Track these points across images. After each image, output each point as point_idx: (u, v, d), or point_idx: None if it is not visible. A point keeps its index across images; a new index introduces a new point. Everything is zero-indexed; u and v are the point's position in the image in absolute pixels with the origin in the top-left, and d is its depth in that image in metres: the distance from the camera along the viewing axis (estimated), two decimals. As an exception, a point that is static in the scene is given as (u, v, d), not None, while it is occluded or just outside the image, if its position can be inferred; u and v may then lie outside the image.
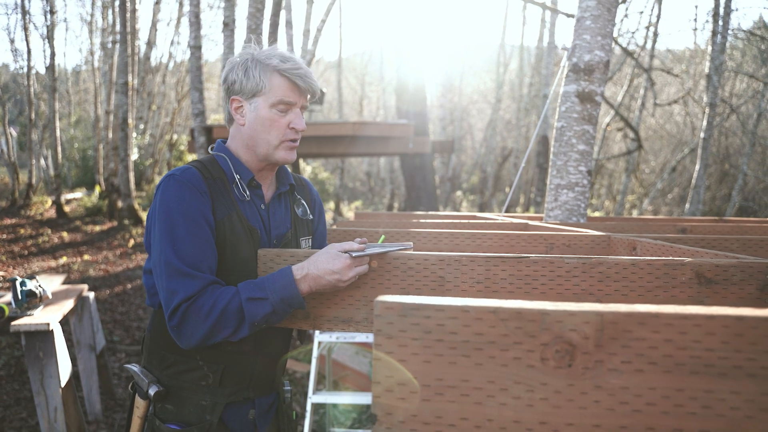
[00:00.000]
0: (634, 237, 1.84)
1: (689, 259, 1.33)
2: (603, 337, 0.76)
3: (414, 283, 1.41)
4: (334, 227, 2.31)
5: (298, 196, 1.80)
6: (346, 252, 1.39)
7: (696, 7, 26.33)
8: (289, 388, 1.84)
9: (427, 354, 0.79)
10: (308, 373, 5.24)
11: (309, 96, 1.63)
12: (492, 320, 0.79)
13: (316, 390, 3.68)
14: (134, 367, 1.66)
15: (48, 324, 3.20)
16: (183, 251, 1.45)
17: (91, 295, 4.36)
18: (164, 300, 1.46)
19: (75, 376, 4.66)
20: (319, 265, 1.40)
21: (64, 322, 5.35)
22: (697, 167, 11.82)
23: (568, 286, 1.36)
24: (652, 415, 0.76)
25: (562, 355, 0.77)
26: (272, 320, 1.45)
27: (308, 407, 3.37)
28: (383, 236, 1.64)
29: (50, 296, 3.58)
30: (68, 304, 3.70)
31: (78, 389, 4.51)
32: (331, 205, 21.96)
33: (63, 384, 3.31)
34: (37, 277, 3.78)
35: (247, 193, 1.62)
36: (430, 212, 3.37)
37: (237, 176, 1.62)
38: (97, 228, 13.75)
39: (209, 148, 1.73)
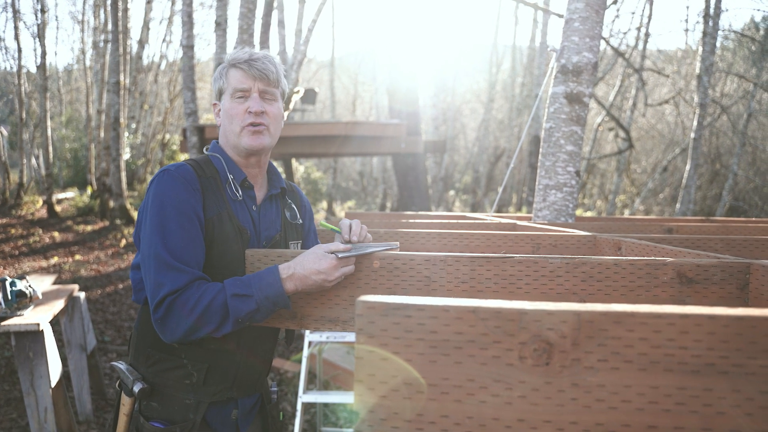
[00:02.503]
0: (619, 237, 1.86)
1: (671, 259, 1.35)
2: (580, 335, 0.78)
3: (400, 283, 1.42)
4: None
5: (289, 201, 1.83)
6: (332, 252, 1.40)
7: (687, 7, 26.37)
8: (275, 389, 1.85)
9: (408, 353, 0.80)
10: (299, 373, 5.25)
11: (265, 82, 1.64)
12: (472, 319, 0.80)
13: (307, 389, 3.69)
14: (120, 365, 1.67)
15: (38, 324, 3.19)
16: (172, 245, 1.47)
17: (82, 295, 4.36)
18: (150, 292, 1.48)
19: (66, 376, 4.65)
20: (306, 265, 1.41)
21: (55, 323, 5.34)
22: (688, 167, 11.90)
23: (552, 286, 1.37)
24: (627, 413, 0.78)
25: (540, 354, 0.79)
26: (256, 318, 1.46)
27: (299, 407, 3.38)
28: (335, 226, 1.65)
29: (40, 296, 3.57)
30: (59, 304, 3.70)
31: (69, 389, 4.50)
32: (324, 204, 21.94)
33: (53, 384, 3.31)
34: (28, 277, 3.77)
35: (240, 193, 1.64)
36: (421, 212, 3.39)
37: (230, 176, 1.65)
38: (89, 228, 13.70)
39: (204, 148, 1.76)
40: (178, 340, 1.46)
